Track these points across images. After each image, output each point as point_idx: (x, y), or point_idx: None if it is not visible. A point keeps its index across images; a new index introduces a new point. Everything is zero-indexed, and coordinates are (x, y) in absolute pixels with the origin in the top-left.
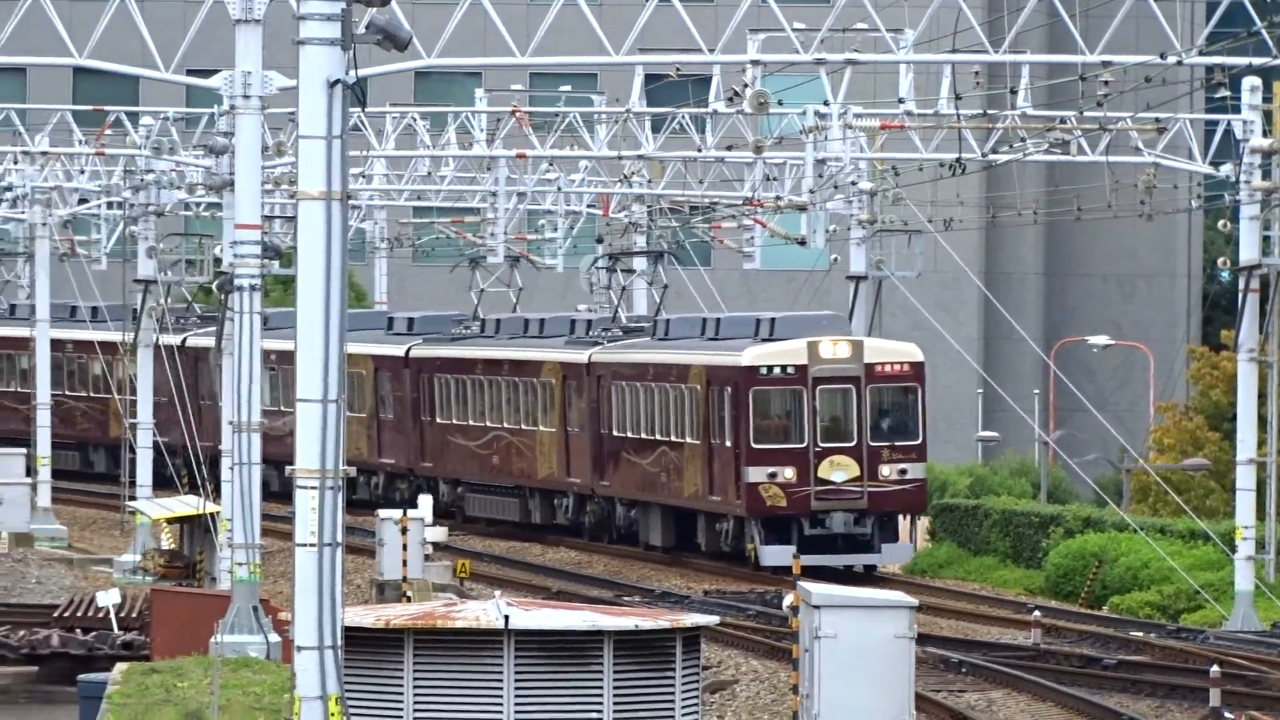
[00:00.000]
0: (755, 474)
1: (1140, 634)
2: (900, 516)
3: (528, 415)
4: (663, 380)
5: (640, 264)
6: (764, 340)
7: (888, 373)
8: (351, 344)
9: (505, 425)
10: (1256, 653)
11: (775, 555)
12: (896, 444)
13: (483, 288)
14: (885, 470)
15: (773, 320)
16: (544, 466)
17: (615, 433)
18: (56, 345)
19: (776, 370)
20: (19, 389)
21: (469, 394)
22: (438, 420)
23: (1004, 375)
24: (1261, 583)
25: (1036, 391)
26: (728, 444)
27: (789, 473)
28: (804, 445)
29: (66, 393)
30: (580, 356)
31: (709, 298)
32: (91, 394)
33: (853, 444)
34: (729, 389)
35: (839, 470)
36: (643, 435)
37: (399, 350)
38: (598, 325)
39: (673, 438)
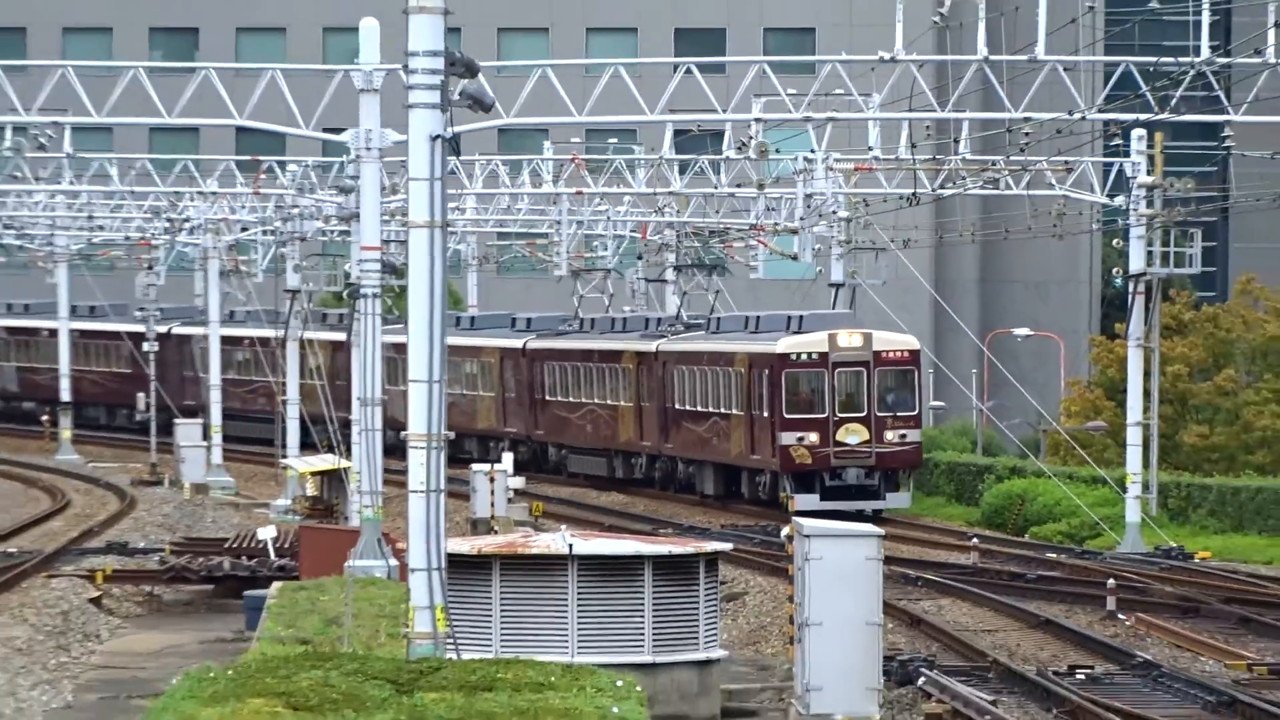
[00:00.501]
0: (787, 438)
1: (1054, 555)
2: (901, 471)
3: (612, 393)
4: (714, 364)
5: (670, 274)
6: (794, 333)
7: (892, 358)
8: (483, 339)
9: (595, 401)
10: (1142, 569)
11: (803, 502)
12: (898, 414)
13: (582, 294)
14: (889, 435)
15: (801, 317)
16: (623, 433)
17: (676, 406)
18: (226, 340)
19: (804, 356)
20: (198, 374)
21: (570, 377)
22: (547, 398)
23: (950, 359)
24: (1146, 515)
25: (974, 371)
26: (765, 414)
27: (813, 437)
28: (825, 415)
29: (234, 376)
30: (650, 347)
31: (723, 301)
32: (253, 377)
33: (864, 414)
34: (767, 371)
35: (853, 435)
36: (698, 408)
37: (519, 343)
38: (665, 323)
39: (722, 410)
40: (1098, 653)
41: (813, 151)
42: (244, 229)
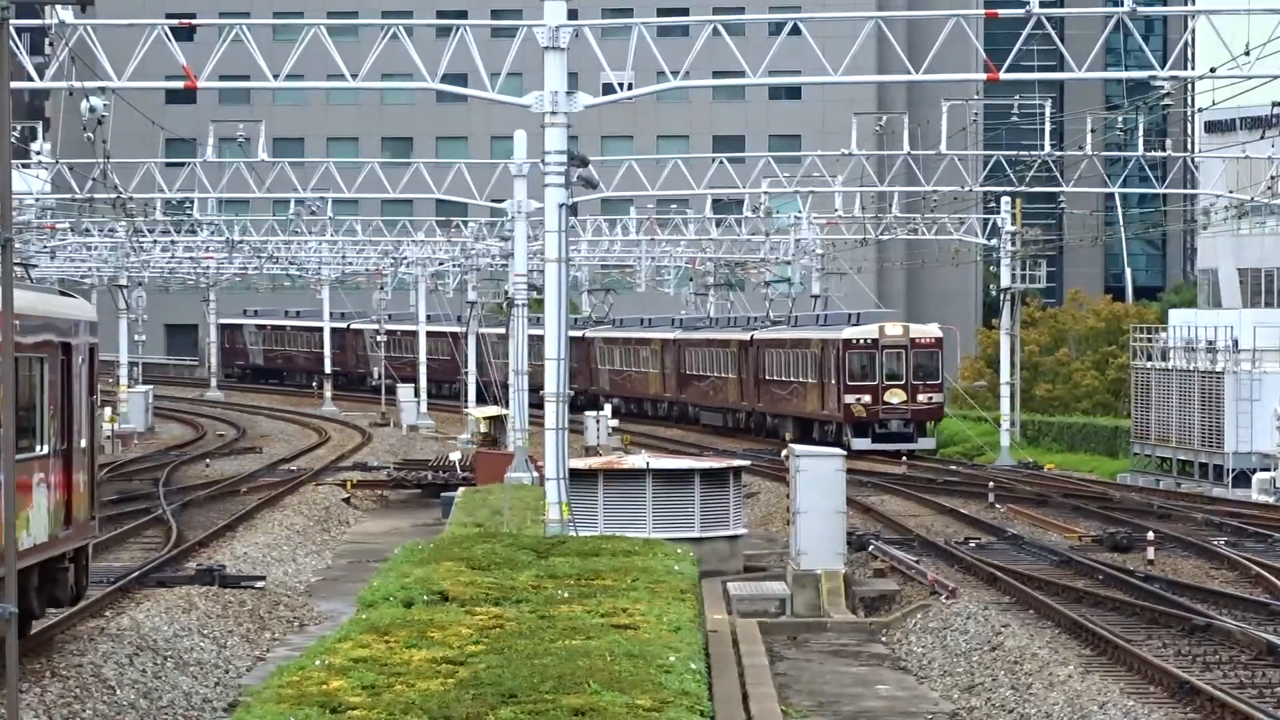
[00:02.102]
0: (849, 399)
1: (955, 467)
2: (928, 423)
3: (725, 368)
4: (794, 348)
5: (711, 291)
6: (852, 325)
7: (923, 342)
8: (650, 333)
9: (714, 374)
10: (1010, 476)
11: (859, 443)
12: (927, 383)
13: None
14: (921, 397)
15: (858, 315)
16: (732, 397)
17: (766, 377)
18: (431, 335)
19: (861, 341)
20: (409, 355)
21: (700, 358)
22: (687, 372)
23: None
24: (1013, 441)
25: None
26: (833, 382)
27: (867, 398)
28: (875, 383)
29: (439, 356)
30: (746, 336)
31: (743, 308)
32: (442, 358)
33: (903, 382)
34: (834, 351)
35: (895, 396)
36: (781, 378)
37: (672, 336)
38: (760, 321)
39: (799, 379)
40: (983, 529)
41: (800, 212)
42: (440, 263)
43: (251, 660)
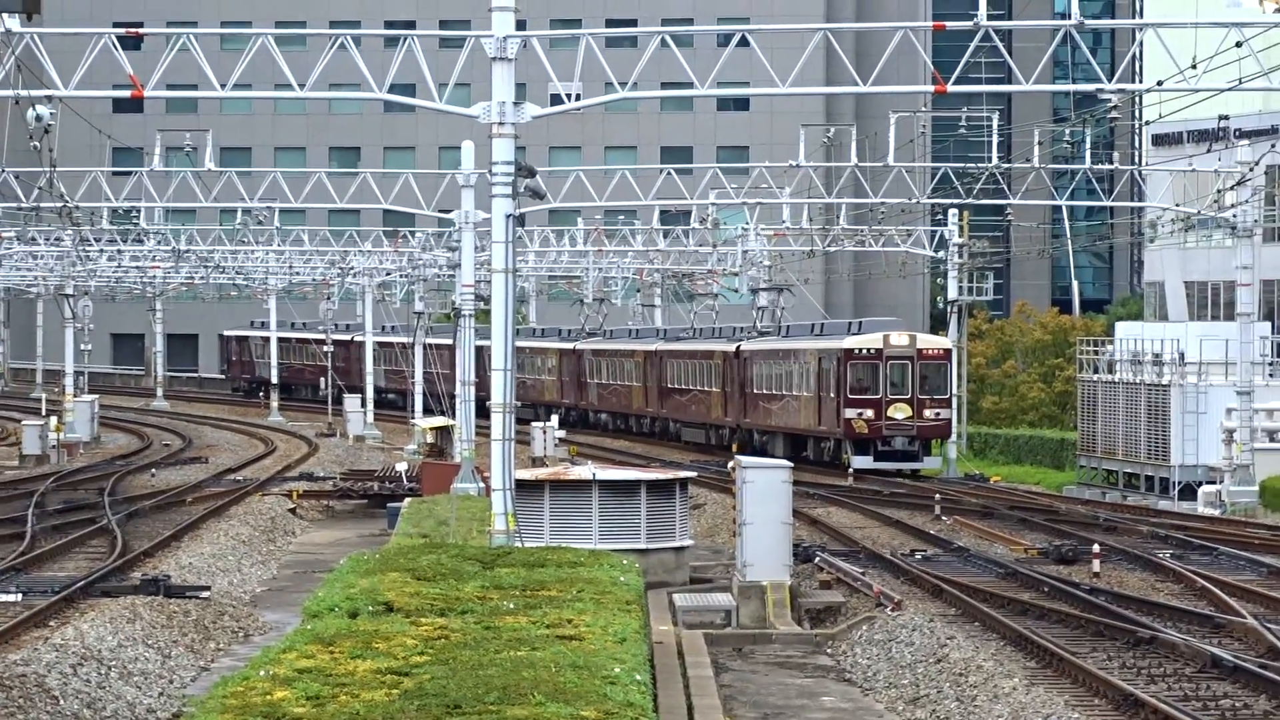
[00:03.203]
0: (850, 413)
1: (900, 479)
2: (934, 440)
3: (707, 381)
4: (787, 359)
5: (658, 300)
6: (854, 334)
7: (930, 354)
8: (631, 343)
9: (696, 388)
10: (957, 487)
11: (860, 462)
12: (935, 397)
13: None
14: (928, 413)
15: (860, 322)
16: (715, 412)
17: (753, 391)
18: (379, 344)
19: (864, 351)
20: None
21: (681, 370)
22: (667, 385)
23: None
24: (960, 453)
25: None
26: (832, 395)
27: (869, 413)
28: (879, 396)
29: (385, 367)
30: (731, 347)
31: (693, 319)
32: (391, 368)
33: (908, 396)
34: (833, 362)
35: (900, 411)
36: (771, 391)
37: (653, 347)
38: (747, 330)
39: (792, 392)
40: (929, 541)
41: (747, 223)
42: (388, 273)
43: (196, 670)
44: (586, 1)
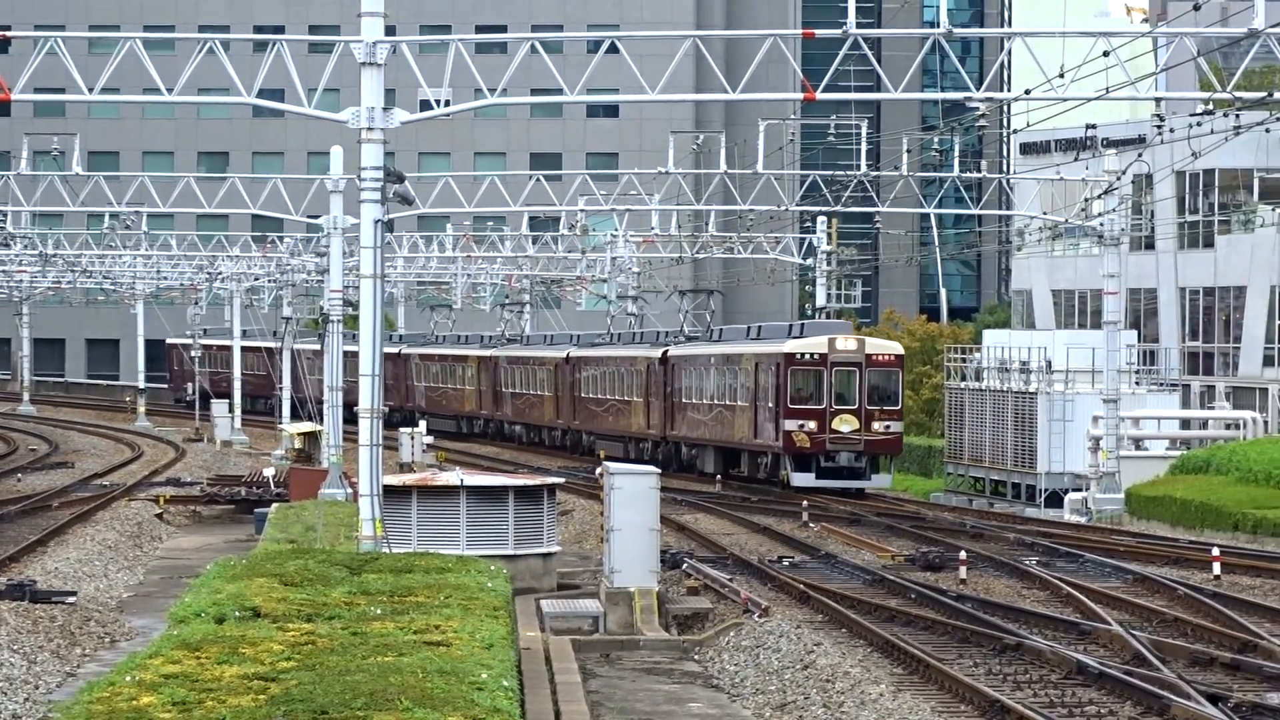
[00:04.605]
0: (790, 425)
1: (762, 488)
2: (883, 456)
3: (628, 390)
4: (720, 365)
5: (528, 308)
6: (795, 338)
7: (880, 360)
8: (546, 351)
9: (615, 397)
10: (825, 495)
11: (800, 479)
12: (884, 408)
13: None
14: (876, 425)
15: (802, 325)
16: (637, 423)
17: (681, 400)
18: (246, 350)
19: (807, 356)
20: (224, 370)
21: (598, 379)
22: (582, 395)
23: None
24: None
25: None
26: (770, 405)
27: (812, 425)
28: (823, 406)
29: (254, 372)
30: (657, 353)
31: (559, 324)
32: (258, 372)
33: (855, 407)
34: (772, 369)
35: (846, 424)
36: (701, 401)
37: (564, 354)
38: (673, 335)
39: (727, 401)
40: (797, 547)
41: (616, 230)
42: (256, 279)
43: (62, 676)
44: (456, 7)
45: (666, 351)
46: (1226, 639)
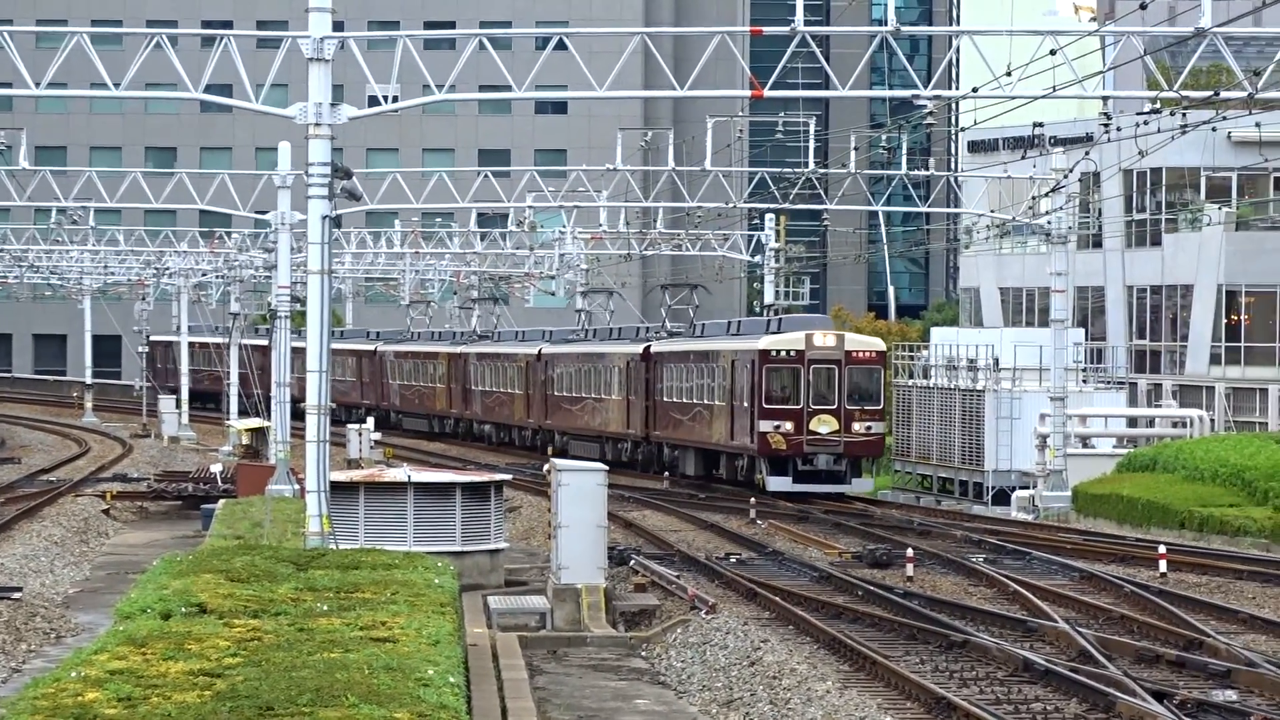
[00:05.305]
0: (766, 426)
1: (717, 485)
2: (864, 459)
3: (606, 388)
4: (699, 362)
5: (475, 304)
6: (773, 333)
7: (861, 357)
8: (517, 347)
9: (591, 396)
10: (773, 492)
11: (777, 483)
12: (865, 408)
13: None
14: (856, 426)
15: (780, 319)
16: (616, 423)
17: (663, 399)
18: (194, 346)
19: (783, 353)
20: (172, 367)
21: (572, 376)
22: (555, 393)
23: None
24: None
25: None
26: (745, 405)
27: (789, 426)
28: (800, 406)
29: (201, 367)
30: (638, 349)
31: (508, 321)
32: (206, 368)
33: (834, 407)
34: (747, 366)
35: (824, 425)
36: (682, 400)
37: (535, 351)
38: (655, 330)
39: (705, 401)
40: (744, 545)
41: (564, 227)
42: (204, 274)
43: (7, 672)
44: (404, 3)
45: (649, 347)
46: (1172, 636)
